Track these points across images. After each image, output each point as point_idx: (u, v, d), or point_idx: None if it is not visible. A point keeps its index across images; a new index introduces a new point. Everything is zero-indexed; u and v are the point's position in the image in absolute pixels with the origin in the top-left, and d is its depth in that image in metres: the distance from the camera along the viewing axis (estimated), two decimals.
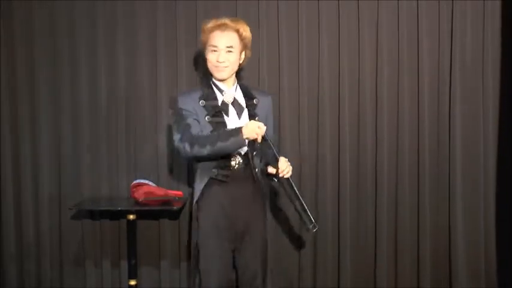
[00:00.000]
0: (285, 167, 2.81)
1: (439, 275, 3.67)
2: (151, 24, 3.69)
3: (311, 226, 2.87)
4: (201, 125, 2.87)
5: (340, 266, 3.70)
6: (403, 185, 3.65)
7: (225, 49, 2.86)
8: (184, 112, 2.86)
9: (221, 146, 2.76)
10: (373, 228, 3.68)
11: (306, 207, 2.87)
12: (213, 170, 2.87)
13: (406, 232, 3.66)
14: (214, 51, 2.87)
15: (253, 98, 2.96)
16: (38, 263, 3.79)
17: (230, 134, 2.77)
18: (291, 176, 2.85)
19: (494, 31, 3.62)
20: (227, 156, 2.84)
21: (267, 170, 2.88)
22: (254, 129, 2.74)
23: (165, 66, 3.70)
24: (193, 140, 2.81)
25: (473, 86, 3.62)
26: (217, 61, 2.87)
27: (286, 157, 2.88)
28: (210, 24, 2.89)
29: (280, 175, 2.82)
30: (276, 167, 2.81)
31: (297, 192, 2.86)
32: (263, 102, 2.99)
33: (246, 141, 2.76)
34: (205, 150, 2.78)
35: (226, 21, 2.89)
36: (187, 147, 2.81)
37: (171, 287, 3.76)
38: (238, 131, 2.76)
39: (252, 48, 3.61)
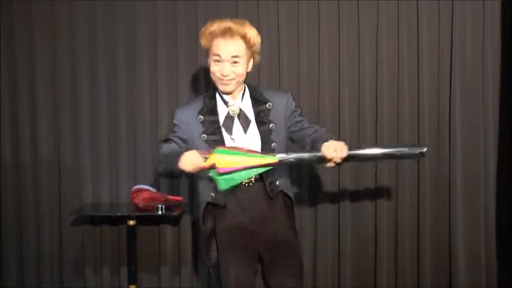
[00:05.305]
0: (333, 155, 2.41)
1: (439, 275, 3.68)
2: (151, 23, 3.66)
3: (417, 152, 2.55)
4: (194, 144, 2.55)
5: (340, 266, 3.70)
6: (403, 185, 3.64)
7: (230, 60, 2.50)
8: (175, 128, 2.61)
9: (168, 170, 2.49)
10: (373, 228, 3.68)
11: (388, 148, 2.58)
12: (211, 194, 2.56)
13: (406, 232, 3.65)
14: (218, 61, 2.51)
15: (265, 103, 2.62)
16: (38, 269, 3.77)
17: (173, 159, 2.42)
18: (348, 151, 2.46)
19: (494, 31, 3.60)
20: None
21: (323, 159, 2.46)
22: (190, 163, 2.38)
23: (165, 67, 3.67)
24: (157, 156, 2.59)
25: (473, 86, 3.61)
26: (222, 74, 2.52)
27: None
28: (212, 28, 2.50)
29: (337, 162, 2.44)
30: (322, 161, 2.46)
31: (365, 152, 2.54)
32: (278, 104, 2.63)
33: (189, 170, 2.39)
34: (159, 169, 2.53)
35: (230, 25, 2.49)
36: (154, 162, 2.63)
37: None
38: (176, 160, 2.40)
39: None
